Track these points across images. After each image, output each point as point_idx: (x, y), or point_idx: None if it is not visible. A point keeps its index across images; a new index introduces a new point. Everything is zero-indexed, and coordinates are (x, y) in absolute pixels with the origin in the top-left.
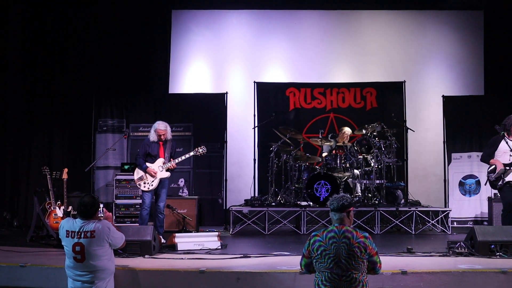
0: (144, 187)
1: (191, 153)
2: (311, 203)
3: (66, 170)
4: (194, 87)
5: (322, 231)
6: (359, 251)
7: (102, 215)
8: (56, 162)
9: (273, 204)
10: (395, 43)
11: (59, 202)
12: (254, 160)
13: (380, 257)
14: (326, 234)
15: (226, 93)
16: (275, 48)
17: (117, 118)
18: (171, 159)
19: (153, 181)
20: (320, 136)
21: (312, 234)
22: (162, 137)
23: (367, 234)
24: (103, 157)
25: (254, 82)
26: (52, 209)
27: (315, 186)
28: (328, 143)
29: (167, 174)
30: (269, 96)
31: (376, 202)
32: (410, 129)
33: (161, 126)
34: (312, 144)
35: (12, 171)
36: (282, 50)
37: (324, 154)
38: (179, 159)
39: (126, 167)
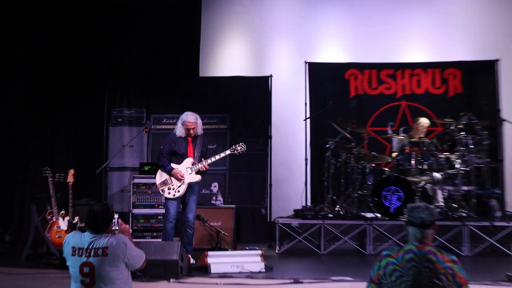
0: (169, 193)
1: (227, 152)
2: (378, 215)
3: (72, 171)
4: (230, 70)
5: (396, 251)
6: (445, 278)
7: (117, 227)
8: (60, 162)
9: (330, 215)
10: (486, 12)
11: (63, 212)
12: (306, 160)
13: (470, 287)
14: (403, 255)
15: (271, 76)
16: (331, 20)
17: (135, 108)
18: (202, 159)
19: (179, 186)
20: (390, 130)
21: (383, 253)
22: (191, 131)
23: (455, 258)
24: (118, 155)
25: (305, 62)
26: (55, 220)
27: (383, 193)
28: (399, 139)
29: (197, 177)
30: (324, 80)
31: (464, 214)
32: (507, 121)
33: (190, 118)
34: (379, 140)
35: (4, 171)
36: (340, 23)
37: (394, 153)
38: (212, 159)
39: (146, 168)
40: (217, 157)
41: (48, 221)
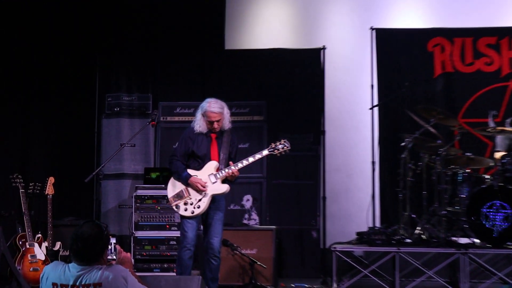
0: (185, 210)
1: (265, 152)
2: (476, 241)
3: (52, 180)
4: (266, 41)
5: None
6: None
7: (115, 256)
8: (35, 167)
9: (408, 241)
10: None
11: (39, 235)
12: (373, 163)
13: None
14: None
15: (323, 48)
16: None
17: (138, 93)
18: (230, 163)
19: (200, 200)
20: (491, 122)
21: None
22: (215, 125)
23: None
24: (114, 158)
25: (371, 29)
26: (28, 246)
27: (483, 210)
28: (506, 134)
29: (224, 188)
30: (398, 53)
31: None
32: None
33: (214, 106)
34: (476, 135)
35: None
36: None
37: (498, 154)
38: (244, 162)
39: (153, 175)
40: (251, 159)
41: (20, 247)
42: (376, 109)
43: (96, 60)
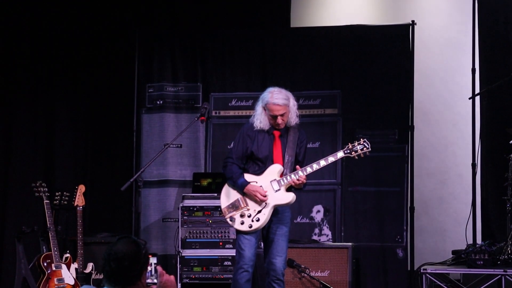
0: (242, 223)
1: (339, 155)
2: None
3: (82, 188)
4: (340, 17)
5: None
6: None
7: (155, 280)
8: (63, 173)
9: None
10: None
11: (68, 255)
12: (474, 166)
13: None
14: None
15: (412, 24)
16: None
17: (185, 82)
18: (297, 167)
19: (259, 211)
20: None
21: None
22: (279, 120)
23: None
24: (157, 161)
25: None
26: (54, 268)
27: None
28: None
29: (290, 197)
30: (507, 27)
31: None
32: None
33: (278, 97)
34: None
35: None
36: None
37: None
38: (315, 167)
39: (204, 183)
40: (322, 163)
41: (44, 270)
42: (478, 99)
43: (134, 43)
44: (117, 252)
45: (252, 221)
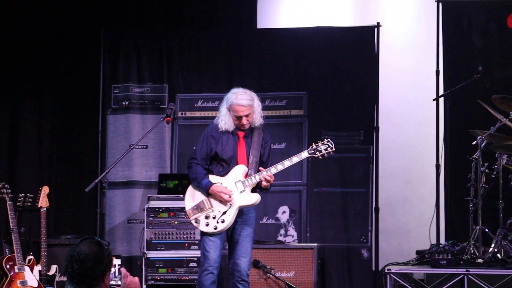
0: (207, 225)
1: (304, 155)
2: None
3: (46, 190)
4: (307, 18)
5: None
6: None
7: (119, 282)
8: (26, 175)
9: (480, 261)
10: None
11: (31, 257)
12: (438, 166)
13: None
14: None
15: (378, 26)
16: None
17: (151, 83)
18: (261, 168)
19: (224, 212)
20: None
21: None
22: (244, 120)
23: None
24: (122, 162)
25: (437, 0)
26: (17, 271)
27: None
28: None
29: (254, 198)
30: (470, 30)
31: None
32: None
33: (242, 98)
34: None
35: None
36: None
37: None
38: (280, 167)
39: (170, 184)
40: (287, 163)
41: (7, 272)
42: (442, 101)
43: (100, 43)
44: (80, 253)
45: (217, 222)
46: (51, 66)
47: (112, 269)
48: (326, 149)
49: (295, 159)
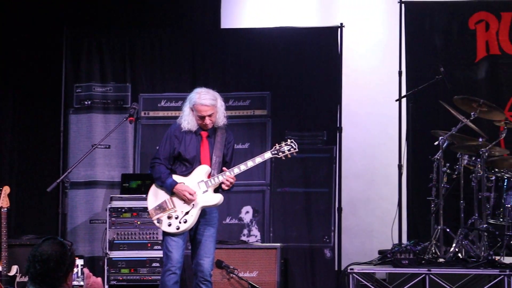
0: (169, 225)
1: (267, 155)
2: None
3: (7, 190)
4: (271, 18)
5: None
6: None
7: (81, 282)
8: None
9: (441, 260)
10: None
11: None
12: (400, 167)
13: None
14: None
15: (341, 27)
16: None
17: (114, 82)
18: (224, 168)
19: (187, 212)
20: None
21: None
22: (206, 120)
23: None
24: (85, 162)
25: (400, 2)
26: None
27: None
28: None
29: (217, 198)
30: (432, 31)
31: None
32: None
33: (205, 98)
34: None
35: None
36: None
37: None
38: (243, 167)
39: (133, 184)
40: (250, 164)
41: None
42: (404, 101)
43: (62, 41)
44: (42, 254)
45: (180, 222)
46: (12, 64)
47: (75, 270)
48: (289, 150)
49: (258, 159)
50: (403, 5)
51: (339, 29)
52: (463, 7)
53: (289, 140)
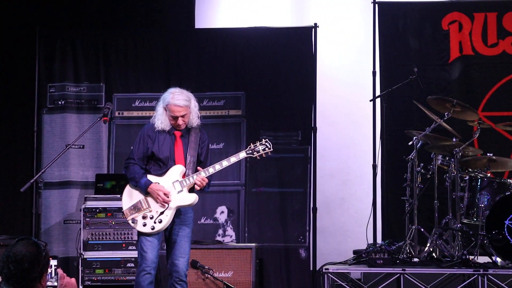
0: (144, 225)
1: (241, 155)
2: (498, 260)
3: None
4: (245, 18)
5: None
6: None
7: (55, 283)
8: None
9: (416, 260)
10: None
11: None
12: (374, 167)
13: None
14: None
15: (315, 27)
16: None
17: (88, 82)
18: (199, 168)
19: (161, 213)
20: None
21: None
22: (180, 121)
23: None
24: (58, 162)
25: (374, 2)
26: None
27: (507, 222)
28: None
29: (192, 198)
30: (406, 31)
31: None
32: None
33: (178, 98)
34: (500, 132)
35: None
36: None
37: None
38: (217, 167)
39: (108, 185)
40: (225, 163)
41: None
42: (378, 101)
43: (35, 41)
44: (16, 254)
45: (155, 222)
46: None
47: (49, 270)
48: (264, 150)
49: (233, 159)
50: (376, 5)
51: (313, 29)
52: (436, 7)
53: (263, 140)
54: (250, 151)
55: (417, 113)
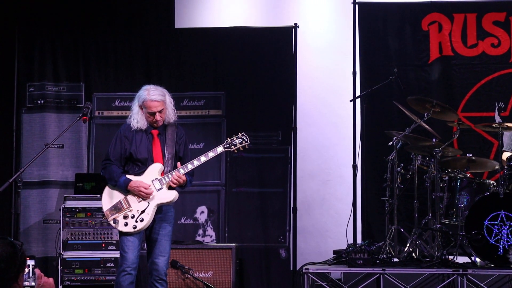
0: (126, 225)
1: (219, 149)
2: (477, 260)
3: None
4: (225, 18)
5: None
6: None
7: (33, 283)
8: None
9: (395, 260)
10: None
11: None
12: (354, 167)
13: None
14: None
15: (295, 27)
16: None
17: (67, 81)
18: (178, 164)
19: (142, 211)
20: (498, 116)
21: None
22: (157, 116)
23: None
24: (38, 162)
25: (353, 2)
26: None
27: (487, 222)
28: None
29: (172, 195)
30: (386, 32)
31: None
32: None
33: (154, 94)
34: (479, 132)
35: None
36: None
37: (505, 155)
38: (195, 163)
39: (88, 186)
40: (203, 159)
41: None
42: (358, 102)
43: (14, 39)
44: None
45: (136, 221)
46: None
47: (26, 270)
48: (241, 143)
49: (211, 154)
50: (357, 6)
51: (293, 29)
52: (416, 8)
53: (240, 134)
54: (228, 145)
55: (397, 113)
